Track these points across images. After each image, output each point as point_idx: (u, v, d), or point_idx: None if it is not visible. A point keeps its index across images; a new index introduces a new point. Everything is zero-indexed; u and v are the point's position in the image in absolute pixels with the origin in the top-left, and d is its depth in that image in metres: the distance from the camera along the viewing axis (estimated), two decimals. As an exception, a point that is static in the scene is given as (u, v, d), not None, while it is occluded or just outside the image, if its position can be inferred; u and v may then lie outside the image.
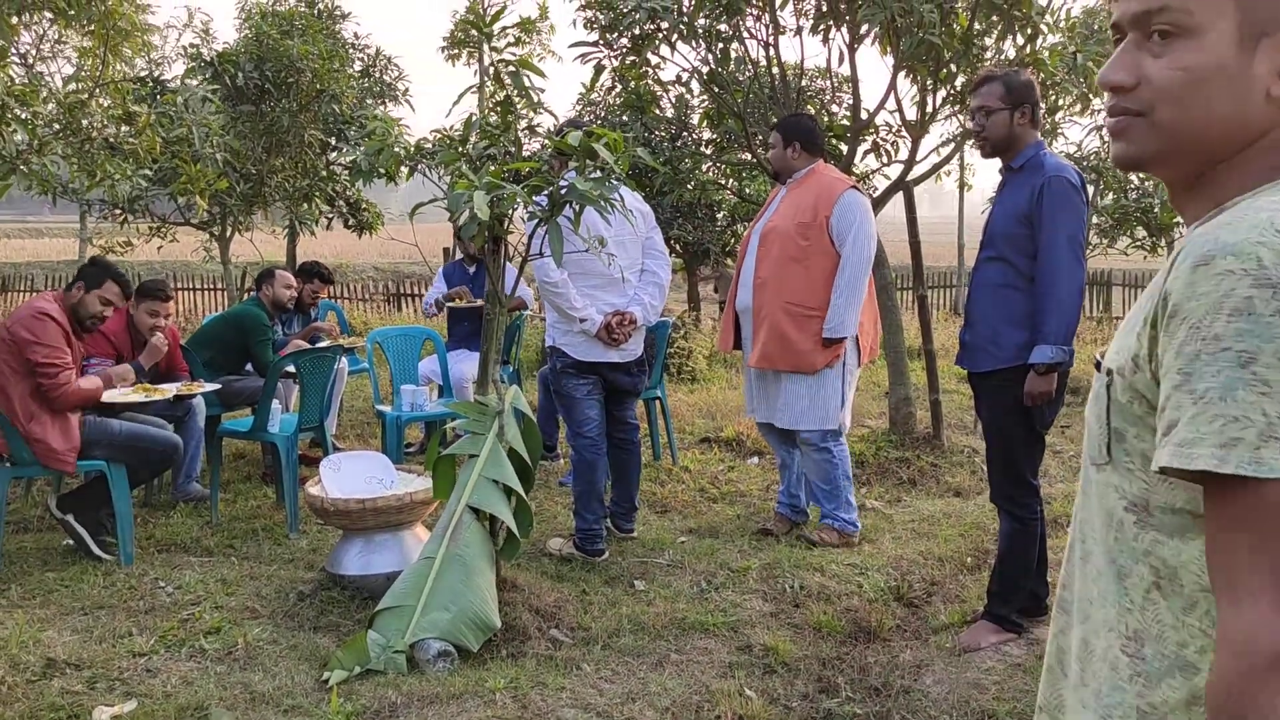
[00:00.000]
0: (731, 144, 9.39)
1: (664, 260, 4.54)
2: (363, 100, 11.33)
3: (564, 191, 3.37)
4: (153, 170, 7.58)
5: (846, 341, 4.41)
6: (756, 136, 6.49)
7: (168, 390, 4.83)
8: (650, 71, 6.60)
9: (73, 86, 5.86)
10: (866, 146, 6.55)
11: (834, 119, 7.18)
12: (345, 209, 11.76)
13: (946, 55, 5.47)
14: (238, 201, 9.36)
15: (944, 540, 4.58)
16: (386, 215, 12.54)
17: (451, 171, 3.72)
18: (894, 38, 5.47)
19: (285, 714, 2.99)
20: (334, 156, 10.85)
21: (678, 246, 10.66)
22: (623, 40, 6.12)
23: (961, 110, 6.13)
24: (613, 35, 6.12)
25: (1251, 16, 0.92)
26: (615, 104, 9.57)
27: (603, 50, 6.19)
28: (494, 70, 3.82)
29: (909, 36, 5.28)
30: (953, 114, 6.30)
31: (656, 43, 6.08)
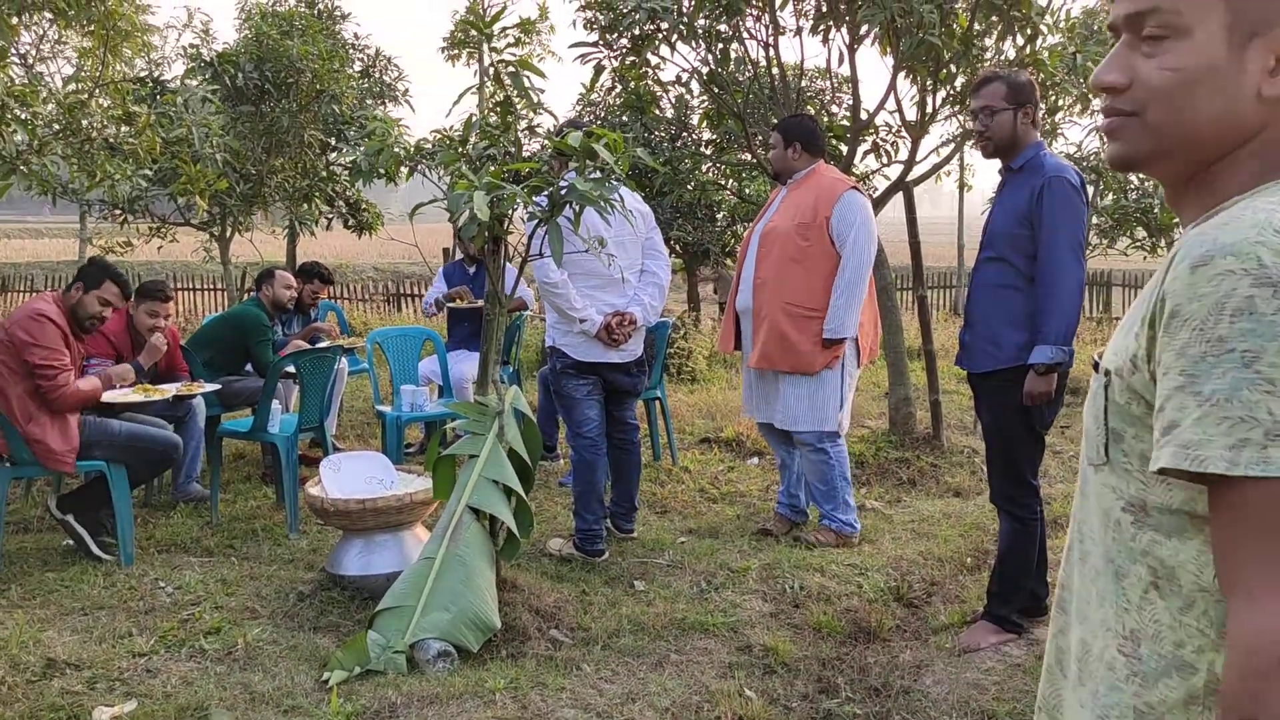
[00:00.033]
0: (731, 144, 9.39)
1: (664, 261, 4.54)
2: (363, 101, 11.33)
3: (564, 192, 3.37)
4: (153, 170, 7.57)
5: (846, 342, 4.41)
6: (756, 137, 6.49)
7: (167, 390, 4.83)
8: (650, 72, 6.61)
9: (73, 87, 5.86)
10: (866, 147, 6.56)
11: (834, 119, 7.18)
12: (345, 209, 11.77)
13: (946, 56, 5.47)
14: (238, 202, 9.36)
15: (944, 541, 4.58)
16: (386, 216, 12.54)
17: (451, 172, 3.72)
18: (894, 38, 5.47)
19: (285, 714, 2.99)
20: (334, 157, 10.85)
21: (677, 247, 10.67)
22: (622, 41, 6.12)
23: (961, 111, 6.13)
24: (612, 36, 6.12)
25: (1242, 18, 0.93)
26: (615, 104, 9.58)
27: (602, 51, 6.19)
28: (494, 71, 3.82)
29: (909, 37, 5.29)
30: (952, 114, 6.30)
31: (656, 43, 6.08)
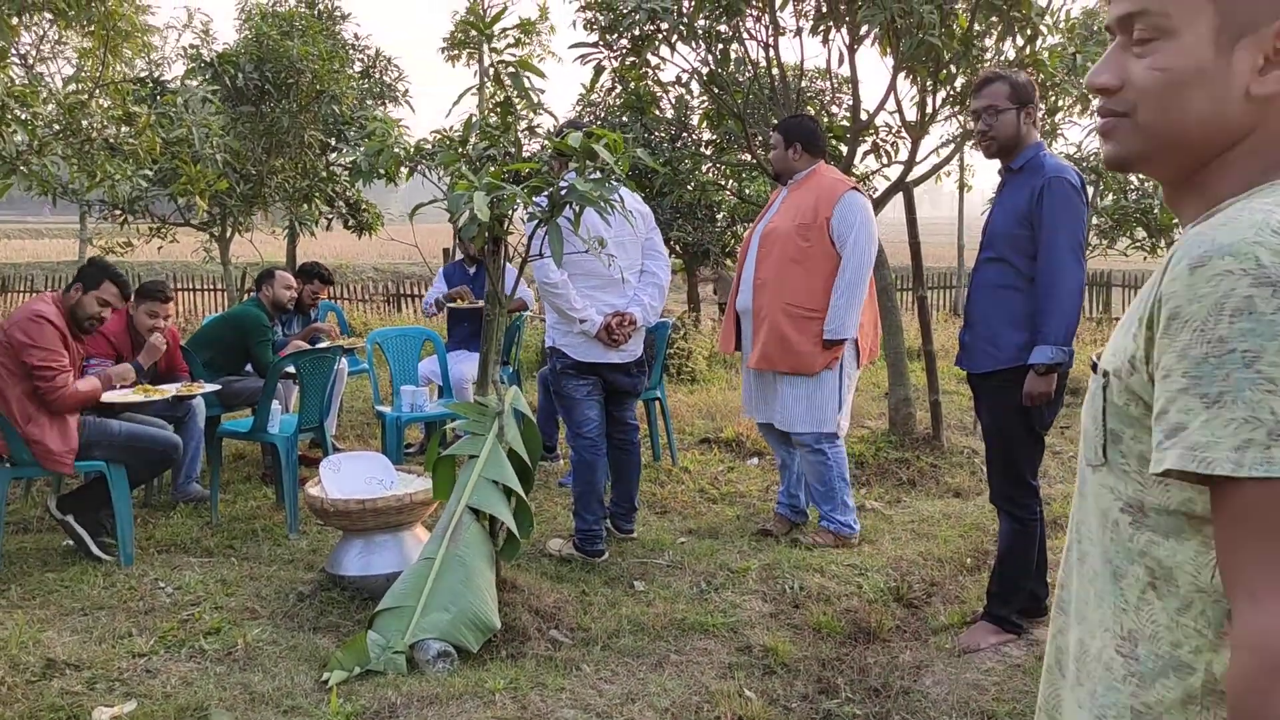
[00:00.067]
0: (731, 145, 9.39)
1: (663, 261, 4.54)
2: (363, 101, 11.34)
3: (564, 192, 3.37)
4: (153, 171, 7.58)
5: (845, 343, 4.41)
6: (756, 137, 6.49)
7: (167, 391, 4.83)
8: (650, 72, 6.61)
9: (73, 87, 5.86)
10: (866, 147, 6.56)
11: (834, 120, 7.18)
12: (345, 210, 11.77)
13: (946, 56, 5.47)
14: (238, 202, 9.36)
15: (943, 541, 4.58)
16: (386, 216, 12.54)
17: (451, 172, 3.72)
18: (894, 39, 5.47)
19: (285, 714, 2.99)
20: (334, 157, 10.85)
21: (677, 247, 10.67)
22: (622, 41, 6.12)
23: (961, 111, 6.13)
24: (612, 36, 6.12)
25: (1230, 19, 0.93)
26: (615, 105, 9.58)
27: (603, 51, 6.19)
28: (494, 71, 3.82)
29: (909, 37, 5.29)
30: (952, 115, 6.30)
31: (656, 44, 6.08)
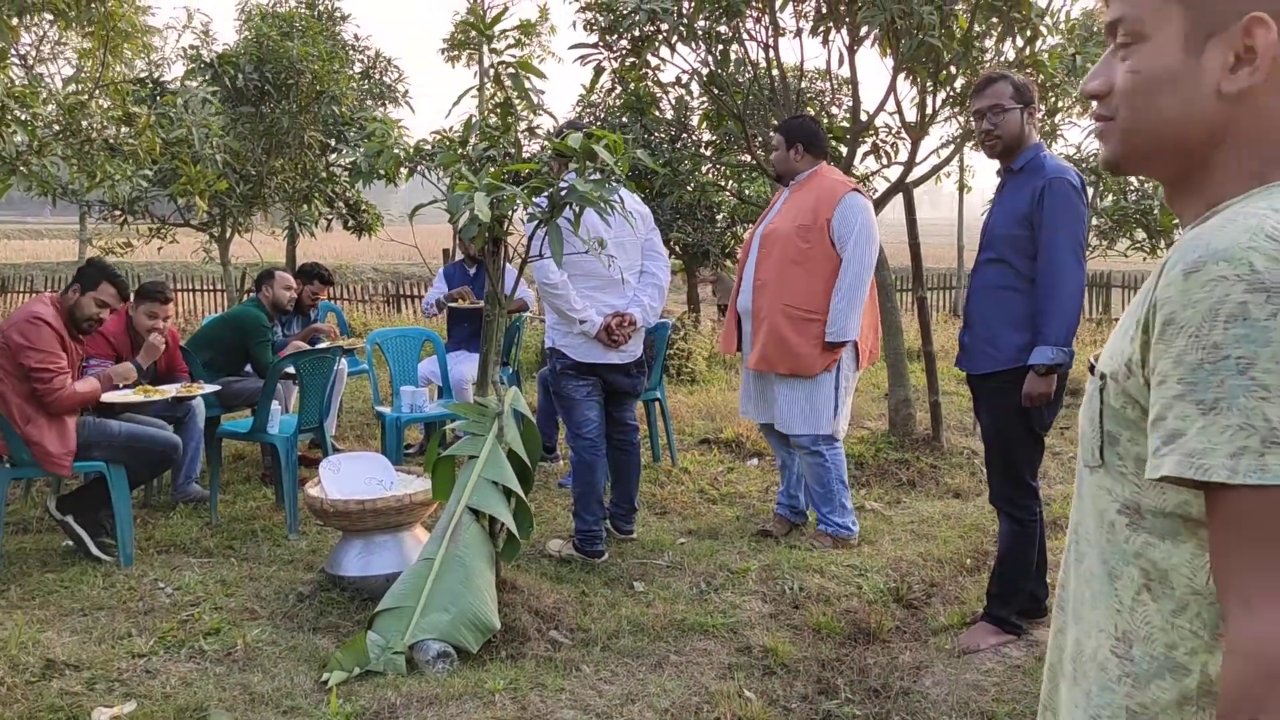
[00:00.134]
0: (731, 146, 9.40)
1: (663, 262, 4.54)
2: (362, 102, 11.35)
3: (564, 193, 3.37)
4: (152, 171, 7.58)
5: (846, 346, 4.41)
6: (756, 138, 6.49)
7: (167, 391, 4.83)
8: (650, 73, 6.61)
9: (72, 88, 5.87)
10: (866, 148, 6.56)
11: (834, 121, 7.18)
12: (345, 210, 11.78)
13: (946, 57, 5.48)
14: (237, 203, 9.36)
15: (943, 542, 4.58)
16: (386, 217, 12.55)
17: (451, 173, 3.72)
18: (893, 39, 5.48)
19: (284, 715, 2.99)
20: (334, 158, 10.86)
21: (677, 248, 10.67)
22: (622, 42, 6.12)
23: (961, 112, 6.13)
24: (612, 37, 6.12)
25: (1198, 18, 0.95)
26: (615, 105, 9.59)
27: (602, 52, 6.19)
28: (494, 72, 3.82)
29: (908, 38, 5.29)
30: (952, 116, 6.30)
31: (656, 44, 6.09)
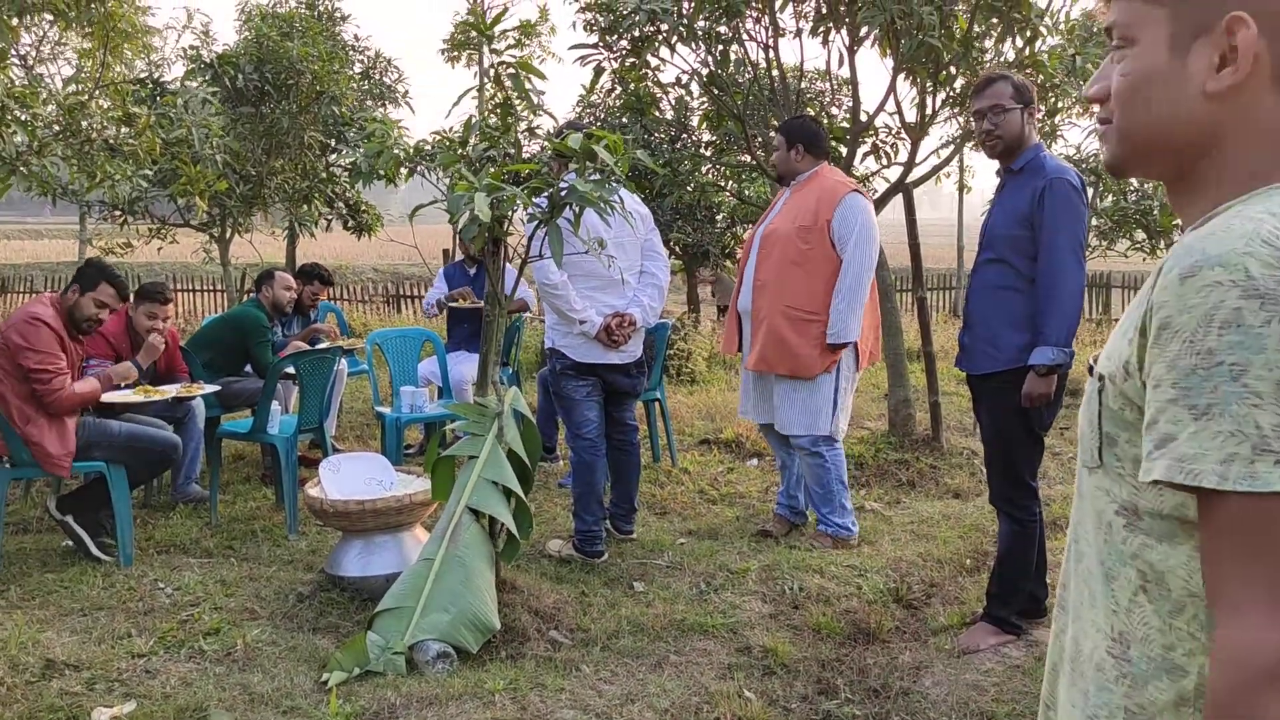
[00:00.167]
0: (731, 146, 9.40)
1: (663, 262, 4.54)
2: (362, 102, 11.35)
3: (564, 193, 3.37)
4: (152, 171, 7.58)
5: (846, 347, 4.40)
6: (756, 139, 6.49)
7: (168, 392, 4.83)
8: (650, 73, 6.61)
9: (72, 88, 5.87)
10: (866, 149, 6.56)
11: (834, 121, 7.19)
12: (345, 211, 11.78)
13: (946, 57, 5.48)
14: (237, 203, 9.36)
15: (943, 542, 4.58)
16: (386, 217, 12.55)
17: (451, 173, 3.72)
18: (893, 40, 5.48)
19: (284, 715, 2.99)
20: (334, 158, 10.86)
21: (677, 249, 10.68)
22: (622, 42, 6.12)
23: (961, 113, 6.13)
24: (612, 37, 6.12)
25: (1183, 21, 0.97)
26: (615, 106, 9.59)
27: (602, 52, 6.19)
28: (494, 72, 3.82)
29: (908, 39, 5.29)
30: (952, 116, 6.30)
31: (656, 45, 6.09)
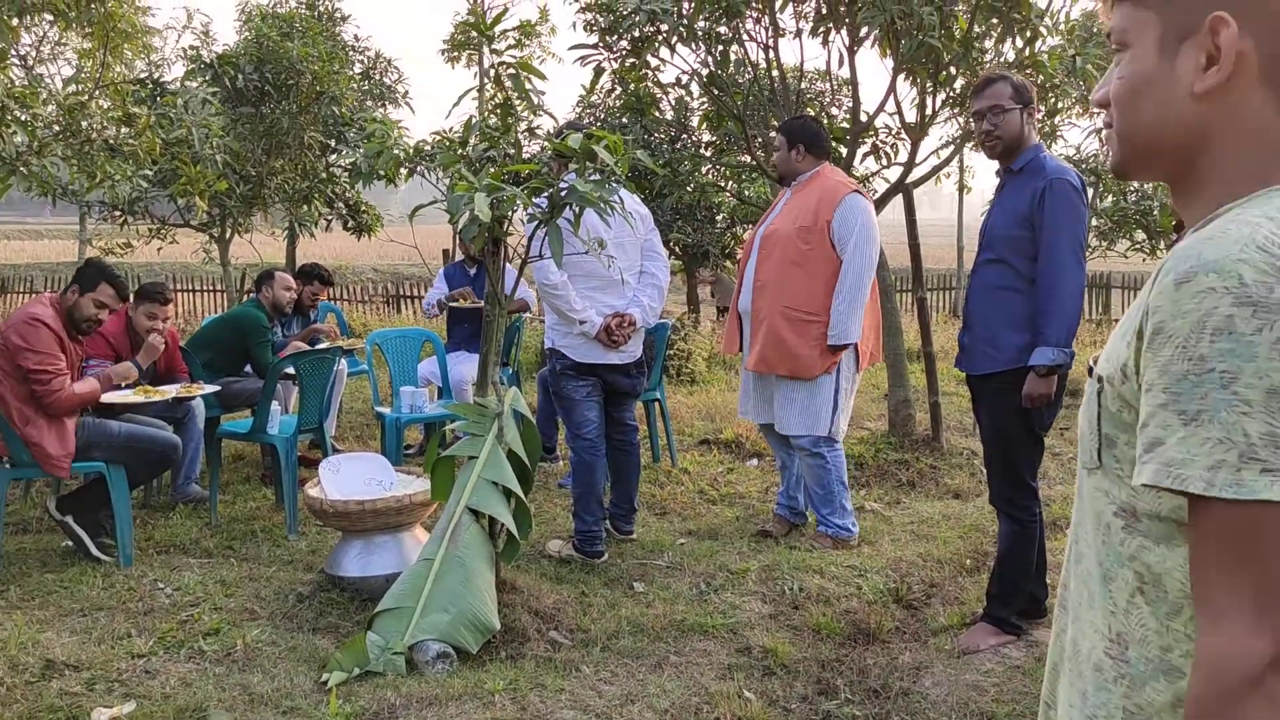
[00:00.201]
0: (731, 146, 9.40)
1: (663, 262, 4.54)
2: (362, 102, 11.35)
3: (564, 193, 3.37)
4: (152, 172, 7.58)
5: (847, 349, 4.40)
6: (756, 139, 6.49)
7: (168, 392, 4.83)
8: (650, 74, 6.61)
9: (72, 88, 5.87)
10: (866, 149, 6.56)
11: (834, 121, 7.19)
12: (345, 211, 11.77)
13: (946, 58, 5.47)
14: (237, 203, 9.36)
15: (943, 542, 4.58)
16: (386, 217, 12.55)
17: (451, 174, 3.72)
18: (893, 40, 5.48)
19: (284, 715, 2.99)
20: (334, 158, 10.86)
21: (677, 249, 10.68)
22: (622, 42, 6.12)
23: (961, 113, 6.13)
24: (612, 38, 6.12)
25: (1171, 23, 0.99)
26: (615, 106, 9.59)
27: (602, 53, 6.19)
28: (494, 72, 3.82)
29: (908, 39, 5.29)
30: (952, 116, 6.30)
31: (656, 45, 6.09)
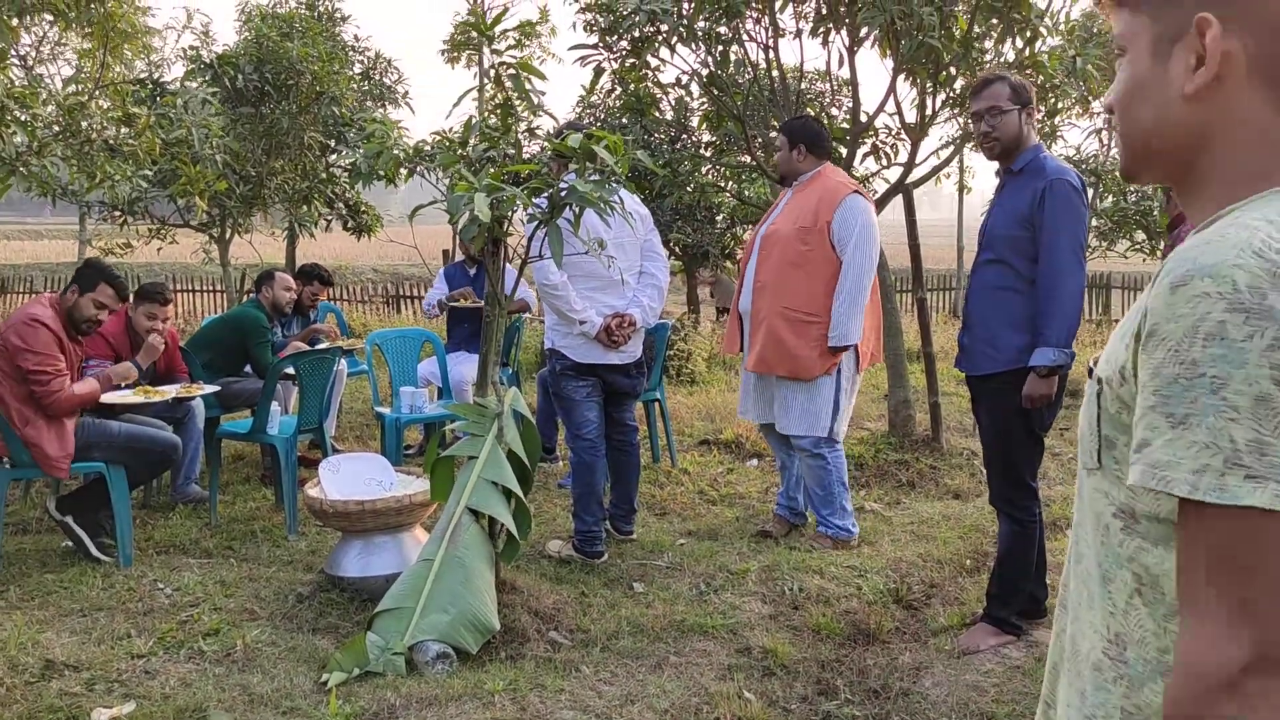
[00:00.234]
0: (731, 146, 9.39)
1: (662, 262, 4.54)
2: (362, 103, 11.34)
3: (564, 194, 3.37)
4: (152, 172, 7.58)
5: (847, 350, 4.39)
6: (756, 139, 6.49)
7: (167, 392, 4.83)
8: (650, 74, 6.61)
9: (72, 88, 5.87)
10: (866, 149, 6.56)
11: (834, 122, 7.18)
12: (345, 211, 11.77)
13: (946, 58, 5.47)
14: (237, 203, 9.36)
15: (943, 543, 4.58)
16: (386, 217, 12.55)
17: (451, 174, 3.72)
18: (893, 40, 5.48)
19: (284, 716, 2.99)
20: (333, 159, 10.85)
21: (677, 249, 10.68)
22: (622, 43, 6.12)
23: (961, 113, 6.13)
24: (612, 38, 6.12)
25: (1162, 27, 1.00)
26: (615, 106, 9.59)
27: (602, 53, 6.19)
28: (494, 73, 3.82)
29: (908, 39, 5.29)
30: (952, 117, 6.30)
31: (656, 45, 6.09)
